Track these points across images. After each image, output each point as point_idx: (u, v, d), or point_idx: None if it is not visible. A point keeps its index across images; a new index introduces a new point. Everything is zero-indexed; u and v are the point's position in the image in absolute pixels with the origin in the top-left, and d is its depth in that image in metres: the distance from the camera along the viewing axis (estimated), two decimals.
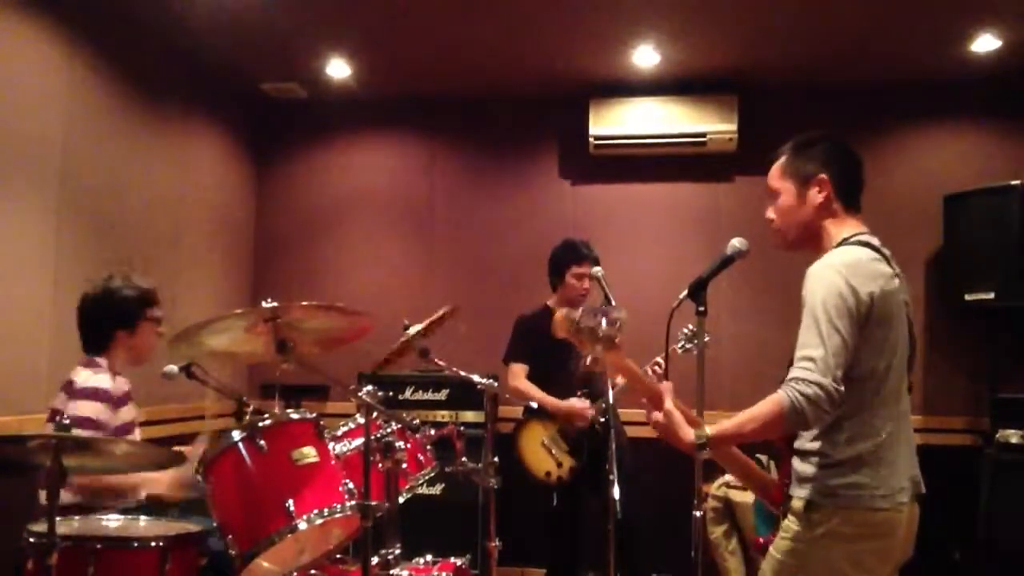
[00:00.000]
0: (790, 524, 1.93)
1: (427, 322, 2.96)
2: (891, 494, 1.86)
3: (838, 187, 2.04)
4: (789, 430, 1.89)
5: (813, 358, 1.79)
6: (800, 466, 1.95)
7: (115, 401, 2.77)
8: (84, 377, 2.73)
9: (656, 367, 3.67)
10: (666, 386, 1.99)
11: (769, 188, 2.14)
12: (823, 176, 2.04)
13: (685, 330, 3.71)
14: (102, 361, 2.81)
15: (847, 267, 1.88)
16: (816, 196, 2.04)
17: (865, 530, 1.85)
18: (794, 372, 1.80)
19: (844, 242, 1.99)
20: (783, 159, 2.12)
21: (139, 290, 2.91)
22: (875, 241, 2.00)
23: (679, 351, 3.70)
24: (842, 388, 1.78)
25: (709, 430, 1.89)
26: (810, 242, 2.06)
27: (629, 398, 3.76)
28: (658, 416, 1.96)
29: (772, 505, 2.08)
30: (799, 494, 1.92)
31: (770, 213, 2.15)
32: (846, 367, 1.80)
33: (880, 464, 1.86)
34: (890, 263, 1.97)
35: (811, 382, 1.76)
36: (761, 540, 2.18)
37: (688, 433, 1.91)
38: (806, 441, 1.95)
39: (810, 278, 1.91)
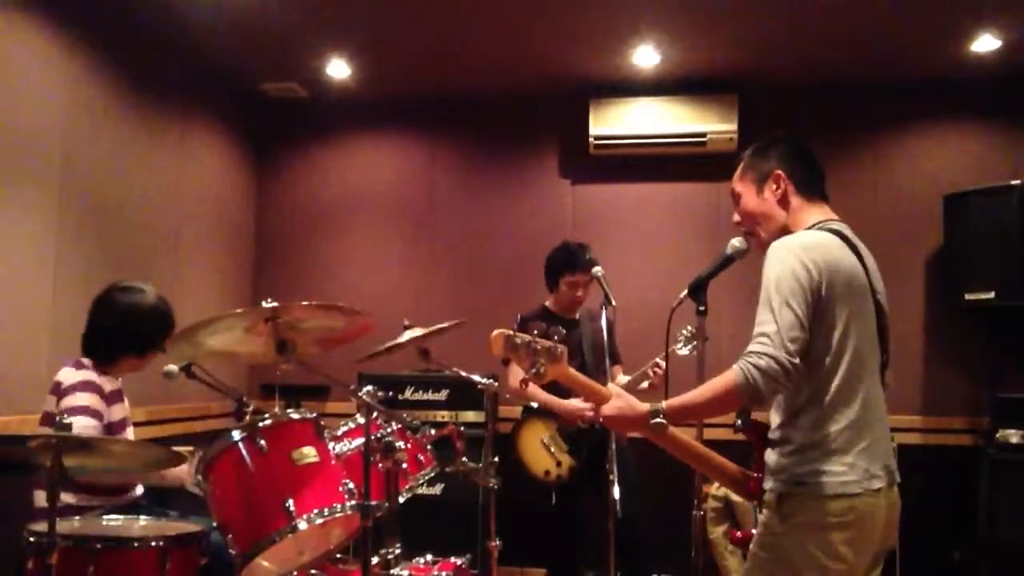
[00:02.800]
0: (764, 518, 1.94)
1: (432, 329, 2.96)
2: (860, 479, 1.85)
3: (795, 180, 2.07)
4: (745, 404, 1.90)
5: (767, 333, 1.81)
6: (770, 457, 1.95)
7: (106, 396, 2.77)
8: (70, 375, 2.74)
9: (656, 368, 3.67)
10: (612, 387, 2.04)
11: (732, 193, 2.18)
12: (778, 172, 2.08)
13: (684, 331, 3.70)
14: (87, 361, 2.82)
15: (802, 248, 1.89)
16: (774, 192, 2.08)
17: (837, 519, 1.84)
18: (750, 347, 1.83)
19: (809, 228, 2.02)
20: (742, 163, 2.16)
21: (159, 317, 2.89)
22: (843, 228, 2.01)
23: (678, 352, 3.69)
24: (797, 361, 1.79)
25: (664, 404, 1.91)
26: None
27: (634, 393, 3.76)
28: (607, 408, 1.97)
29: (749, 498, 2.08)
30: (771, 486, 1.93)
31: (735, 216, 2.18)
32: (802, 343, 1.81)
33: (846, 450, 1.85)
34: (857, 251, 1.97)
35: (764, 354, 1.78)
36: (739, 534, 2.19)
37: (641, 406, 1.93)
38: (773, 430, 1.95)
39: (767, 258, 1.93)
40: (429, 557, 2.93)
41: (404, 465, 2.56)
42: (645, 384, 3.67)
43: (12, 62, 3.37)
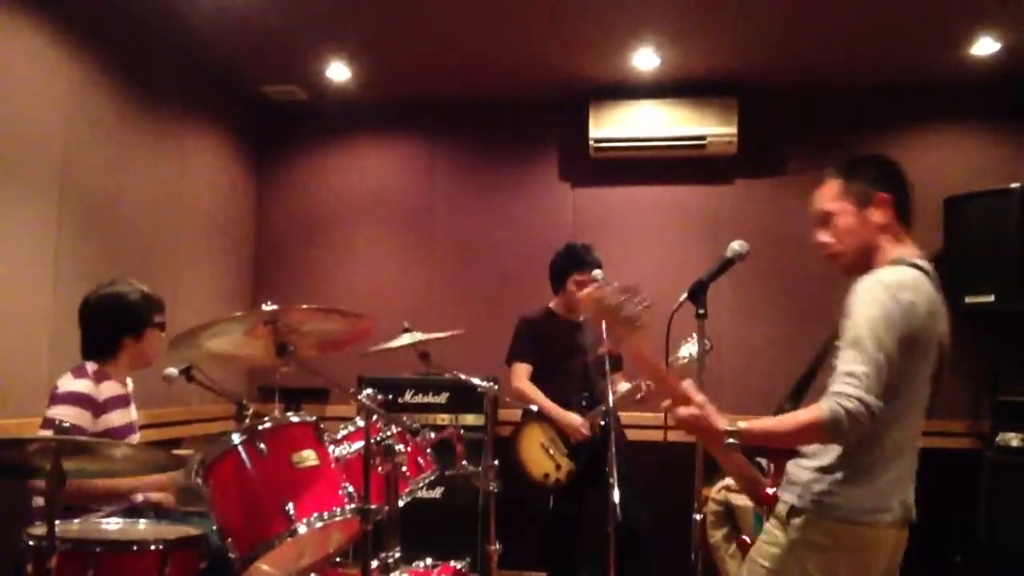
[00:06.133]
0: (771, 528, 1.93)
1: (431, 337, 2.97)
2: (873, 511, 1.85)
3: (898, 206, 2.02)
4: (823, 441, 1.86)
5: (856, 374, 1.76)
6: (794, 470, 1.94)
7: (97, 407, 2.73)
8: (65, 382, 2.73)
9: (647, 382, 3.66)
10: (688, 383, 1.94)
11: (820, 211, 2.09)
12: (884, 195, 2.01)
13: (687, 341, 3.68)
14: (90, 367, 2.80)
15: (900, 287, 1.86)
16: (878, 216, 2.01)
17: (840, 542, 1.84)
18: (836, 386, 1.77)
19: (896, 262, 1.96)
20: (837, 180, 2.07)
21: (145, 296, 2.91)
22: (927, 266, 1.97)
23: (680, 360, 3.68)
24: (881, 404, 1.75)
25: (742, 424, 1.86)
26: (867, 264, 2.01)
27: (630, 402, 3.76)
28: (687, 411, 1.89)
29: (759, 505, 2.08)
30: (785, 498, 1.92)
31: (824, 236, 2.08)
32: (887, 386, 1.78)
33: (870, 480, 1.86)
34: (939, 289, 1.95)
35: (853, 396, 1.74)
36: (747, 540, 2.19)
37: (719, 423, 1.87)
38: (806, 446, 1.94)
39: (858, 293, 1.88)
40: (429, 561, 2.93)
41: (404, 468, 2.57)
42: (638, 396, 3.67)
43: (13, 64, 3.37)
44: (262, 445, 2.33)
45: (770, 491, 2.04)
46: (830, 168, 2.10)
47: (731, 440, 1.85)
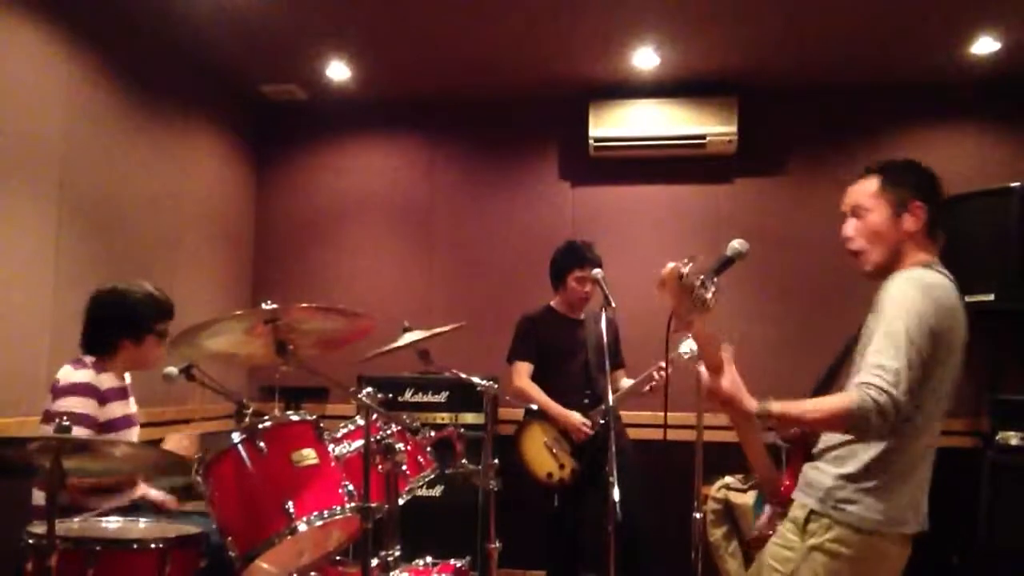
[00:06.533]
0: (785, 531, 1.93)
1: (432, 333, 2.97)
2: (890, 522, 1.86)
3: (930, 216, 2.03)
4: (846, 430, 1.86)
5: (886, 367, 1.76)
6: (813, 474, 1.94)
7: (100, 395, 2.75)
8: (66, 374, 2.74)
9: (661, 371, 3.66)
10: (727, 353, 1.95)
11: (853, 205, 2.09)
12: (920, 204, 2.02)
13: (687, 337, 3.68)
14: (88, 359, 2.82)
15: (936, 289, 1.87)
16: (911, 222, 2.02)
17: (853, 551, 1.85)
18: (866, 376, 1.77)
19: (925, 265, 1.97)
20: (876, 179, 2.07)
21: (151, 300, 2.90)
22: (950, 275, 1.98)
23: (683, 357, 3.68)
24: (909, 403, 1.76)
25: (773, 406, 1.87)
26: (890, 267, 2.01)
27: (631, 401, 3.76)
28: (725, 383, 1.91)
29: (773, 500, 2.08)
30: (803, 501, 1.92)
31: (849, 230, 2.08)
32: (916, 387, 1.79)
33: (892, 491, 1.87)
34: (962, 301, 1.95)
35: (884, 391, 1.74)
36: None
37: (750, 402, 1.88)
38: (827, 452, 1.94)
39: (890, 290, 1.88)
40: (429, 559, 2.92)
41: (404, 467, 2.57)
42: (648, 388, 3.66)
43: (12, 63, 3.37)
44: (262, 444, 2.33)
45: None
46: (869, 166, 2.12)
47: (759, 419, 1.86)
